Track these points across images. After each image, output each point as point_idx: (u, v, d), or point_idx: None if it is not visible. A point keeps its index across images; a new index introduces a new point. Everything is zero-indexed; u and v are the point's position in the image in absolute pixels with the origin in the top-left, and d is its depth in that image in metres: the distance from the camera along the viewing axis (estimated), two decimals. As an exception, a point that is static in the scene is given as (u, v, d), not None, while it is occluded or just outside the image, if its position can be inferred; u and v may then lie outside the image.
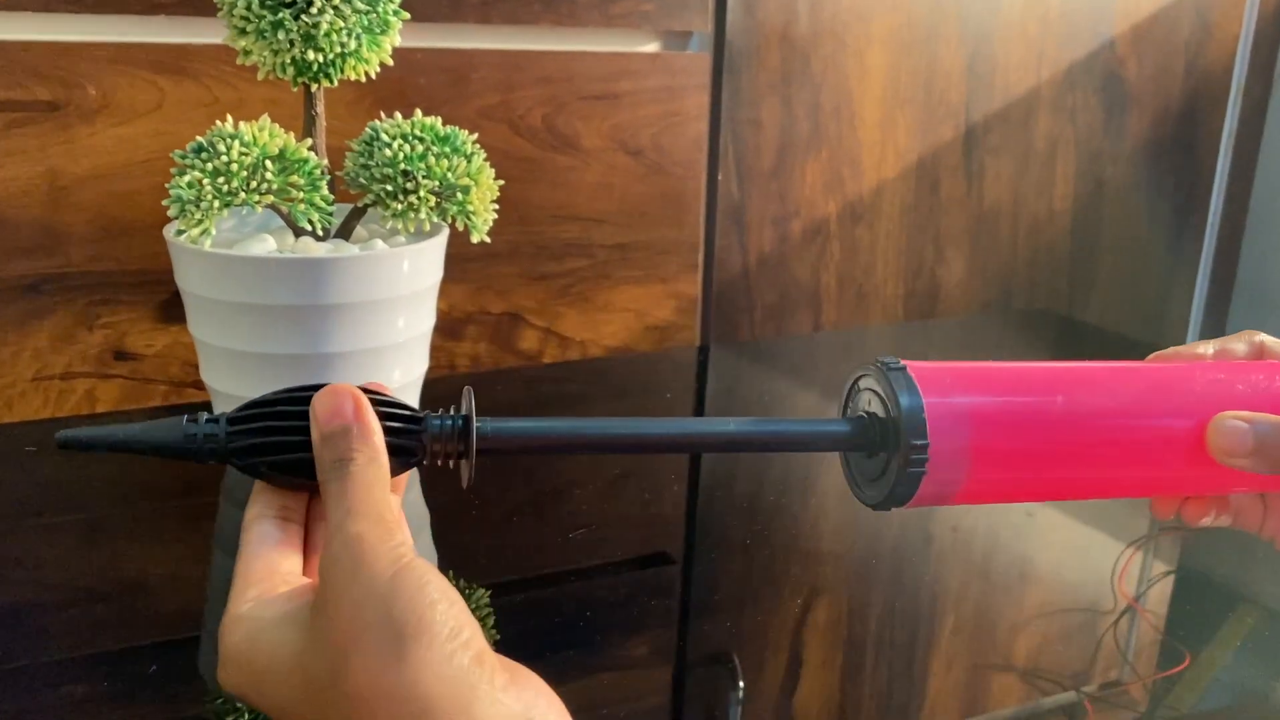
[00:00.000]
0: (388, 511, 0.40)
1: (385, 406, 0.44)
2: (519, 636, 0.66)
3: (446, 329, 1.07)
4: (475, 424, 0.45)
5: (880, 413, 0.49)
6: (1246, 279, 1.58)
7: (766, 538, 0.81)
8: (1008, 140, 1.36)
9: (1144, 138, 1.45)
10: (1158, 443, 0.51)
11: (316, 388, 0.43)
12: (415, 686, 0.35)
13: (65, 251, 0.91)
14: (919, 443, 0.47)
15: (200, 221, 0.73)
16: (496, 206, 0.82)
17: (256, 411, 0.43)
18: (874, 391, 0.50)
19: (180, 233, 0.75)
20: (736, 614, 0.71)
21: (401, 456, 0.44)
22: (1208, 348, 0.56)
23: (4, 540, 0.75)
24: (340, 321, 0.76)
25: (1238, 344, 0.56)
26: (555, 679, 0.40)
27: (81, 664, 0.61)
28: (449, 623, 0.36)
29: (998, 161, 1.36)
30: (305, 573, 0.43)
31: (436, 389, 0.93)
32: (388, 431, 0.43)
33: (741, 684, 0.64)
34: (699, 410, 1.08)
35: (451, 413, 0.46)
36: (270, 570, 0.42)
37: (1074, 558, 0.82)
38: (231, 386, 0.79)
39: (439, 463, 0.46)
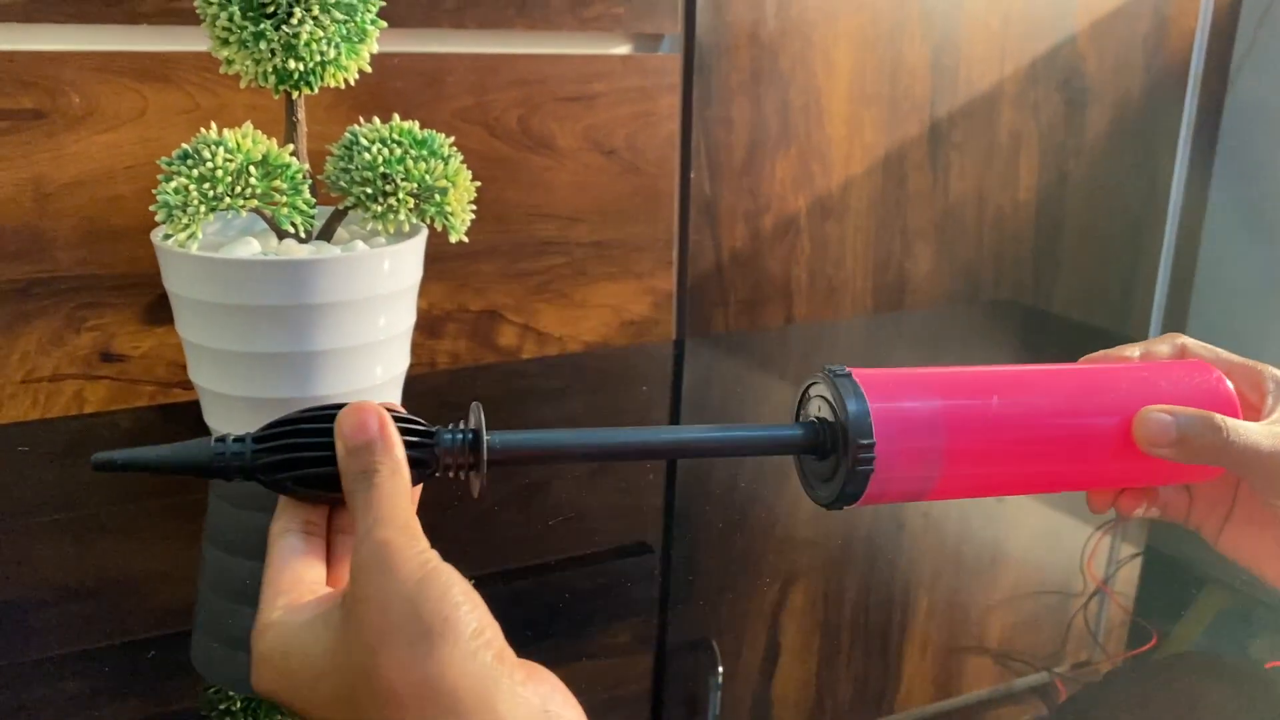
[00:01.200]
0: (411, 519, 0.42)
1: (401, 422, 0.45)
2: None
3: (427, 327, 1.07)
4: (486, 438, 0.47)
5: (830, 417, 0.52)
6: (1207, 267, 1.60)
7: (743, 526, 0.82)
8: (972, 135, 1.37)
9: (1105, 131, 1.47)
10: (1089, 438, 0.55)
11: (336, 407, 0.45)
12: (442, 681, 0.37)
13: (52, 256, 0.92)
14: (865, 442, 0.50)
15: (187, 226, 0.74)
16: (474, 207, 0.83)
17: (279, 430, 0.45)
18: (823, 398, 0.53)
19: (168, 237, 0.76)
20: (715, 601, 0.72)
21: (415, 469, 0.45)
22: (1134, 350, 0.60)
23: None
24: (323, 321, 0.77)
25: (1162, 345, 0.60)
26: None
27: (75, 660, 0.62)
28: (472, 623, 0.38)
29: (962, 156, 1.37)
30: (329, 581, 0.45)
31: (417, 386, 0.94)
32: (404, 445, 0.45)
33: (720, 669, 0.65)
34: (675, 404, 1.09)
35: (461, 427, 0.47)
36: (298, 579, 0.43)
37: (1044, 541, 0.83)
38: (219, 385, 0.80)
39: (450, 475, 0.47)
